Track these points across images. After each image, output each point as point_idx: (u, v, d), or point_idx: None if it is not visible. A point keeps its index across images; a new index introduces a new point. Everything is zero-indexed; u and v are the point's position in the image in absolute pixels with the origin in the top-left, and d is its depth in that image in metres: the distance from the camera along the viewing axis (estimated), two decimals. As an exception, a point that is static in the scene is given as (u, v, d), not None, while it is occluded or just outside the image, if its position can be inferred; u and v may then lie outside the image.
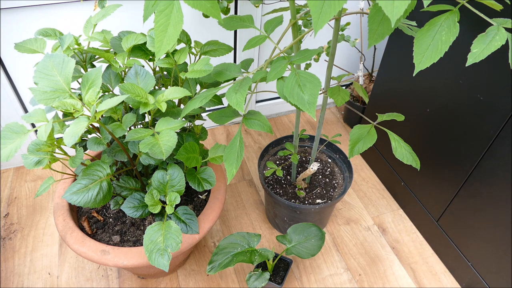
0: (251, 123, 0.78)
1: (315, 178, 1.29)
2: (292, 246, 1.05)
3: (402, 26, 0.82)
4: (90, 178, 0.81)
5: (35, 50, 0.85)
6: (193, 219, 0.93)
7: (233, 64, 0.90)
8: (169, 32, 0.56)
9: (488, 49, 0.56)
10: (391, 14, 0.48)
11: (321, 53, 1.31)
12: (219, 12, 0.55)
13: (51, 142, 0.81)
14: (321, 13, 0.51)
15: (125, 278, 1.20)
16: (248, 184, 1.52)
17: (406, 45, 1.21)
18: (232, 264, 0.97)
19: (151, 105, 0.78)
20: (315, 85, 0.66)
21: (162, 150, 0.73)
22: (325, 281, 1.22)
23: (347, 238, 1.35)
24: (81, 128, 0.64)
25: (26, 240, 1.30)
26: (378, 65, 1.78)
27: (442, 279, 1.24)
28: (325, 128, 1.81)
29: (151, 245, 0.83)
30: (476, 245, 1.12)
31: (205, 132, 1.06)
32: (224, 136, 1.75)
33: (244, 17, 0.89)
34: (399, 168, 1.40)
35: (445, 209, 1.21)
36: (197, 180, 0.93)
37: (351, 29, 1.67)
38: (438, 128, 1.15)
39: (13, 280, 1.19)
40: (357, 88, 0.97)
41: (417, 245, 1.33)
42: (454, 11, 0.57)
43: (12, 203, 1.41)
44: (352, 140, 0.87)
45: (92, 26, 0.88)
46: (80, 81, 0.92)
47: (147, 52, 0.87)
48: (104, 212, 1.06)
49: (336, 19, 0.77)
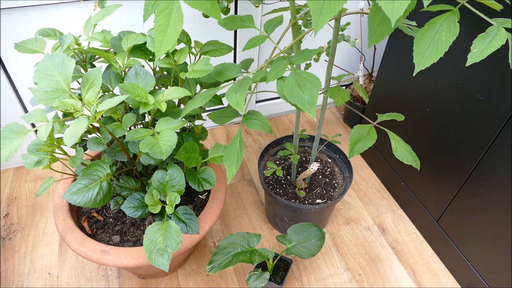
0: (251, 123, 0.78)
1: (315, 178, 1.29)
2: (292, 246, 1.05)
3: (402, 26, 0.82)
4: (90, 178, 0.81)
5: (35, 50, 0.85)
6: (193, 219, 0.93)
7: (233, 64, 0.90)
8: (169, 32, 0.56)
9: (488, 49, 0.56)
10: (391, 14, 0.48)
11: (321, 53, 1.31)
12: (219, 12, 0.55)
13: (51, 142, 0.81)
14: (321, 13, 0.51)
15: (125, 278, 1.20)
16: (248, 184, 1.52)
17: (406, 45, 1.21)
18: (232, 264, 0.97)
19: (151, 105, 0.78)
20: (315, 85, 0.66)
21: (162, 150, 0.73)
22: (325, 281, 1.22)
23: (347, 238, 1.35)
24: (81, 128, 0.64)
25: (26, 240, 1.30)
26: (378, 65, 1.78)
27: (442, 279, 1.24)
28: (325, 128, 1.81)
29: (151, 245, 0.83)
30: (476, 245, 1.12)
31: (205, 132, 1.06)
32: (224, 136, 1.75)
33: (244, 17, 0.89)
34: (399, 168, 1.40)
35: (445, 209, 1.21)
36: (197, 180, 0.93)
37: (351, 29, 1.67)
38: (438, 128, 1.15)
39: (13, 280, 1.19)
40: (357, 88, 0.97)
41: (417, 245, 1.33)
42: (454, 11, 0.57)
43: (12, 203, 1.41)
44: (352, 140, 0.87)
45: (92, 26, 0.88)
46: (80, 81, 0.92)
47: (147, 52, 0.87)
48: (104, 212, 1.06)
49: (336, 19, 0.77)
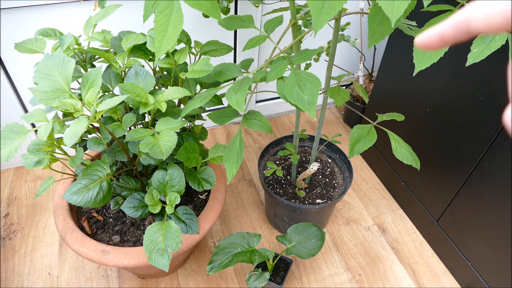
0: (251, 123, 0.78)
1: (315, 178, 1.29)
2: (292, 246, 1.05)
3: (402, 26, 0.82)
4: (90, 178, 0.81)
5: (35, 50, 0.85)
6: (193, 219, 0.93)
7: (233, 64, 0.90)
8: (169, 32, 0.56)
9: (488, 49, 0.56)
10: (391, 14, 0.48)
11: (321, 53, 1.31)
12: (219, 12, 0.55)
13: (51, 142, 0.81)
14: (321, 13, 0.51)
15: (125, 278, 1.20)
16: (248, 184, 1.52)
17: (406, 45, 1.21)
18: (232, 264, 0.97)
19: (151, 105, 0.78)
20: (315, 85, 0.66)
21: (162, 150, 0.73)
22: (325, 281, 1.22)
23: (347, 238, 1.35)
24: (81, 128, 0.64)
25: (26, 240, 1.30)
26: (378, 65, 1.78)
27: (442, 279, 1.24)
28: (325, 128, 1.81)
29: (151, 245, 0.83)
30: (476, 245, 1.12)
31: (205, 132, 1.06)
32: (224, 136, 1.75)
33: (244, 17, 0.89)
34: (399, 168, 1.40)
35: (445, 209, 1.21)
36: (197, 180, 0.93)
37: (351, 29, 1.67)
38: (438, 128, 1.15)
39: (13, 280, 1.19)
40: (357, 88, 0.97)
41: (417, 245, 1.33)
42: (454, 11, 0.57)
43: (12, 203, 1.41)
44: (352, 140, 0.87)
45: (92, 26, 0.88)
46: (80, 81, 0.92)
47: (147, 52, 0.87)
48: (104, 212, 1.06)
49: (336, 19, 0.77)
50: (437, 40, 0.25)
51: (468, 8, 0.23)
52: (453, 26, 0.24)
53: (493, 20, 0.22)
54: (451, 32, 0.24)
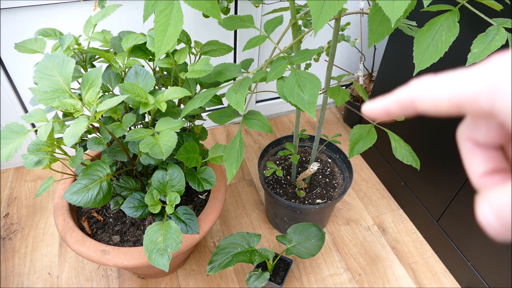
0: (251, 123, 0.78)
1: (315, 178, 1.29)
2: (292, 246, 1.05)
3: (402, 26, 0.82)
4: (90, 178, 0.81)
5: (35, 50, 0.85)
6: (193, 219, 0.93)
7: (233, 64, 0.90)
8: (169, 32, 0.56)
9: (488, 49, 0.56)
10: (391, 14, 0.48)
11: (321, 53, 1.31)
12: (219, 12, 0.55)
13: (51, 142, 0.81)
14: (321, 13, 0.51)
15: (125, 278, 1.20)
16: (248, 184, 1.52)
17: (406, 45, 1.21)
18: (232, 264, 0.97)
19: (151, 105, 0.78)
20: (315, 85, 0.66)
21: (162, 150, 0.73)
22: (325, 281, 1.22)
23: (347, 238, 1.35)
24: (81, 128, 0.64)
25: (26, 240, 1.30)
26: (378, 65, 1.78)
27: (442, 279, 1.24)
28: (325, 128, 1.81)
29: (151, 245, 0.83)
30: (476, 245, 1.12)
31: (205, 132, 1.06)
32: (224, 136, 1.75)
33: (244, 17, 0.89)
34: (399, 168, 1.40)
35: (445, 209, 1.21)
36: (197, 180, 0.93)
37: (351, 29, 1.67)
38: (438, 128, 1.15)
39: (13, 280, 1.19)
40: (357, 88, 0.97)
41: (417, 245, 1.33)
42: (454, 11, 0.57)
43: (12, 203, 1.41)
44: (352, 140, 0.87)
45: (92, 26, 0.88)
46: (80, 81, 0.92)
47: (147, 52, 0.87)
48: (104, 212, 1.06)
49: (336, 19, 0.77)
50: (383, 113, 0.24)
51: (414, 87, 0.21)
52: (398, 104, 0.22)
53: (440, 105, 0.20)
54: (396, 109, 0.23)
